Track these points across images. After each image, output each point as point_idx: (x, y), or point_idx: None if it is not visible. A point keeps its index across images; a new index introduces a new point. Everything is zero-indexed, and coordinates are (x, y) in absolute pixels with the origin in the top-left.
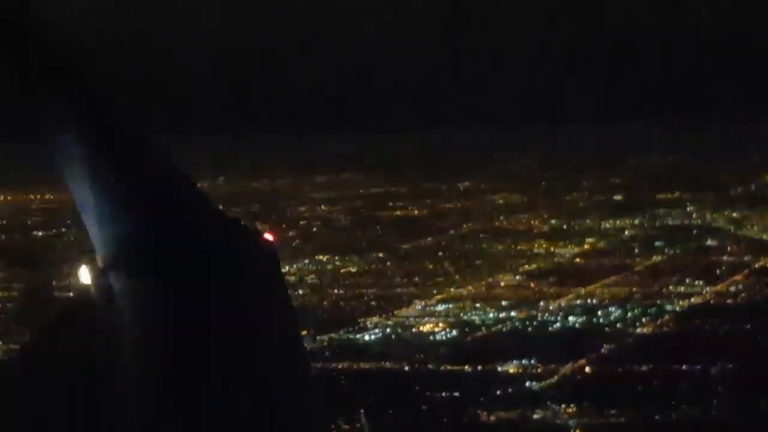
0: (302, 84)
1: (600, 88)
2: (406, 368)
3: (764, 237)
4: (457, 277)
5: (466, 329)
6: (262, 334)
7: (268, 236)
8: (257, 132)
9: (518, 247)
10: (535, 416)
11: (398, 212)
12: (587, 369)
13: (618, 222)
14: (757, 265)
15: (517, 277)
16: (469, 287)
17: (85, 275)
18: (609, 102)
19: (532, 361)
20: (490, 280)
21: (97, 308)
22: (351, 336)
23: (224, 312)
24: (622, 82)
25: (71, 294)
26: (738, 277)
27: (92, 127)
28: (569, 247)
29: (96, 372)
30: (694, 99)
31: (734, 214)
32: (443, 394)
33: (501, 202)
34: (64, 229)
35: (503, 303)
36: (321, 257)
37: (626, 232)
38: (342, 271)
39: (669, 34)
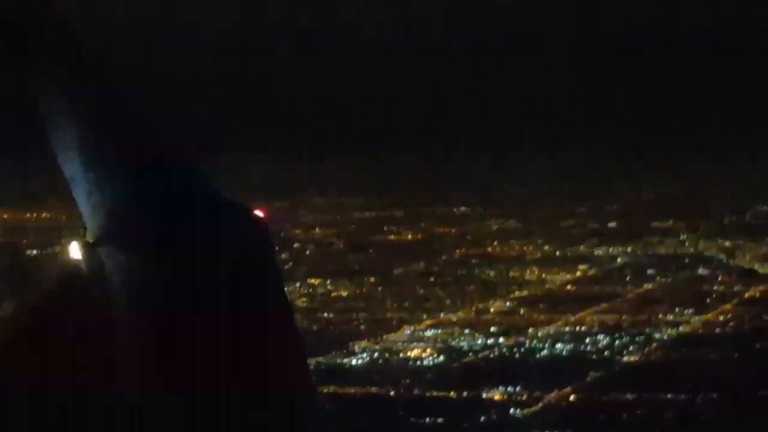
0: (300, 104)
1: (599, 115)
2: (392, 393)
3: (755, 266)
4: (448, 302)
5: (454, 355)
6: (257, 317)
7: (259, 213)
8: (254, 152)
9: (510, 273)
10: None
11: (392, 236)
12: (572, 397)
13: (611, 249)
14: (746, 295)
15: (508, 304)
16: (459, 313)
17: (75, 251)
18: (607, 129)
19: (518, 388)
20: (480, 305)
21: (87, 285)
22: (339, 360)
23: (219, 292)
24: (620, 109)
25: (61, 269)
26: (727, 307)
27: (83, 94)
28: (561, 274)
29: (88, 361)
30: (691, 127)
31: (726, 244)
32: (428, 419)
33: (495, 227)
34: (58, 249)
35: (492, 329)
36: (313, 280)
37: (618, 260)
38: (333, 294)
39: (662, 61)
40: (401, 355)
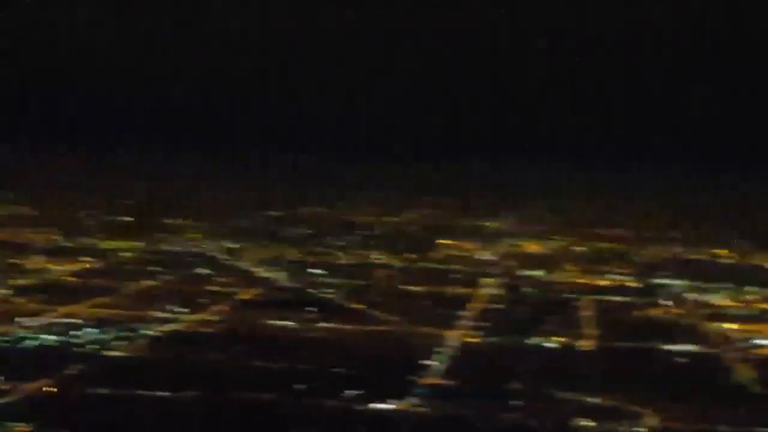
0: None
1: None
2: None
3: (253, 269)
4: None
5: None
6: None
7: None
8: None
9: (14, 261)
10: None
11: None
12: (50, 388)
13: (119, 243)
14: (241, 297)
15: (4, 291)
16: None
17: None
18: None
19: None
20: None
21: None
22: None
23: None
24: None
25: None
26: (220, 307)
27: None
28: (65, 264)
29: None
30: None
31: (230, 245)
32: None
33: (7, 213)
34: None
35: None
36: None
37: (125, 254)
38: None
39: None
40: None
